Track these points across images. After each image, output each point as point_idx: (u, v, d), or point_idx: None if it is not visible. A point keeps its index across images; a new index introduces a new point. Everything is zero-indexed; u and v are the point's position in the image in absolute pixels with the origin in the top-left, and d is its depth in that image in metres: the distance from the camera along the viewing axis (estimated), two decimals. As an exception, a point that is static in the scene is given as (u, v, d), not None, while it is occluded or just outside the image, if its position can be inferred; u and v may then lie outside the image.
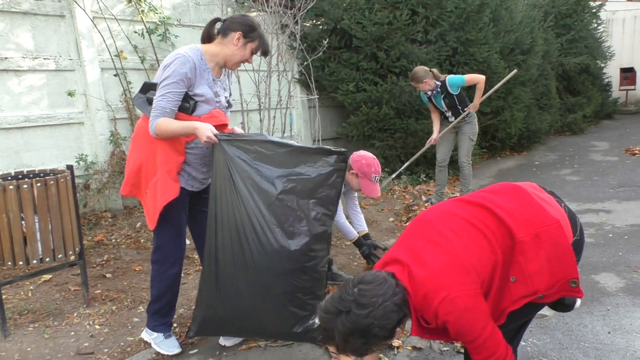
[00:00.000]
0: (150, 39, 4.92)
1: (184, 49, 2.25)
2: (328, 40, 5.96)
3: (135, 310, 2.97)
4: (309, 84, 5.45)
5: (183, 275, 2.83)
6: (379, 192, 3.29)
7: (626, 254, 3.70)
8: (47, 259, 2.58)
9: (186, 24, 5.38)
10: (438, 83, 4.88)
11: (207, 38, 2.37)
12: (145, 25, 4.92)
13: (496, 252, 1.65)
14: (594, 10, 11.52)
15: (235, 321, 2.36)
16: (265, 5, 4.72)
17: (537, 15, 8.85)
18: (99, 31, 4.61)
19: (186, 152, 2.32)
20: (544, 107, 9.32)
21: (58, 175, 2.63)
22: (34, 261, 2.53)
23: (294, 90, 6.04)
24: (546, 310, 2.48)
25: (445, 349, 2.51)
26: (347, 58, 6.45)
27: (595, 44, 11.43)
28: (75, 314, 2.89)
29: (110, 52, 4.68)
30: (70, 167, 2.80)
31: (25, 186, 2.45)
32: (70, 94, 4.44)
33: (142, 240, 4.13)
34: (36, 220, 2.49)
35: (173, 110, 2.21)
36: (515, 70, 5.27)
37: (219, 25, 2.37)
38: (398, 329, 1.62)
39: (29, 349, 2.53)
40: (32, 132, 4.30)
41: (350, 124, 6.62)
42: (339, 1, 6.45)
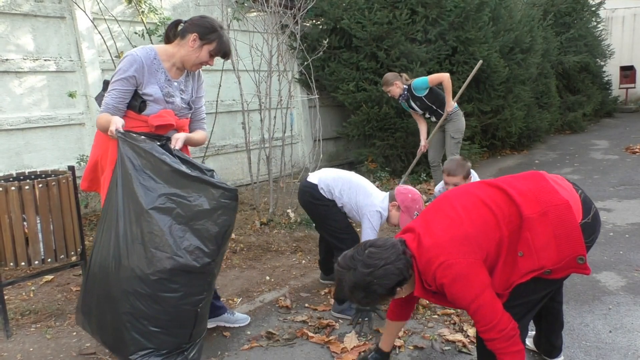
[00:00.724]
0: (151, 40, 4.92)
1: (136, 49, 2.28)
2: (328, 40, 5.97)
3: (137, 310, 2.98)
4: (309, 83, 5.45)
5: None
6: None
7: (627, 252, 3.70)
8: (49, 260, 2.58)
9: (186, 24, 5.38)
10: (405, 87, 4.98)
11: (167, 39, 2.39)
12: (145, 26, 4.92)
13: (501, 228, 1.80)
14: (594, 9, 11.54)
15: (91, 323, 2.27)
16: (265, 5, 4.72)
17: (537, 14, 8.86)
18: (100, 32, 4.62)
19: None
20: (544, 106, 9.33)
21: (59, 176, 2.65)
22: (36, 262, 2.53)
23: (294, 90, 6.05)
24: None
25: (446, 348, 2.52)
26: (347, 58, 6.46)
27: (594, 42, 11.44)
28: (77, 315, 2.90)
29: (110, 53, 4.68)
30: (71, 168, 2.81)
31: (27, 187, 2.46)
32: (71, 95, 4.44)
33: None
34: (38, 221, 2.50)
35: (116, 107, 2.23)
36: (480, 62, 5.22)
37: (182, 26, 2.37)
38: (398, 289, 1.86)
39: (32, 349, 2.54)
40: (33, 133, 4.30)
41: (351, 124, 6.63)
42: (338, 1, 6.45)
